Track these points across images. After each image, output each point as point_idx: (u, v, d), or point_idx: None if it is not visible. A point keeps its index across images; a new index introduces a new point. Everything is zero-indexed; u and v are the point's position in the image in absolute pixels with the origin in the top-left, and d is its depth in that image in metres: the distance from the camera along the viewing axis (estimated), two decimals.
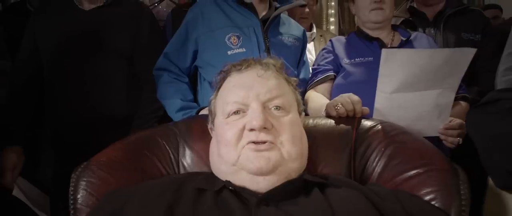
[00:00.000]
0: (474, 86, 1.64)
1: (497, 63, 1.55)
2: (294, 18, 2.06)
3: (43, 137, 1.72)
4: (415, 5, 1.85)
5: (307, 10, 2.17)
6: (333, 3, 2.79)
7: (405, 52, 1.16)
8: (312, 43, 2.21)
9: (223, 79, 0.85)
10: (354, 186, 0.75)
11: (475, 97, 1.52)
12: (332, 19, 2.79)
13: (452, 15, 1.77)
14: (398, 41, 1.46)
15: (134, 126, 1.54)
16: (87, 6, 1.57)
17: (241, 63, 0.84)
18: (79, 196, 0.83)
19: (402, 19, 1.82)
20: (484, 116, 0.90)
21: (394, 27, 1.54)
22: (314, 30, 2.23)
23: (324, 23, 2.78)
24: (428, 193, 0.78)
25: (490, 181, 0.94)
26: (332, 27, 2.78)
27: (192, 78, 1.41)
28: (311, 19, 2.27)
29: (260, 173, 0.72)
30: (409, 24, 1.80)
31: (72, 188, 0.84)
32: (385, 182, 0.85)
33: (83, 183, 0.84)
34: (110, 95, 1.55)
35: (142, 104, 1.56)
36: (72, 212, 0.83)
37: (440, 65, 1.05)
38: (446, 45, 1.71)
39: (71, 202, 0.83)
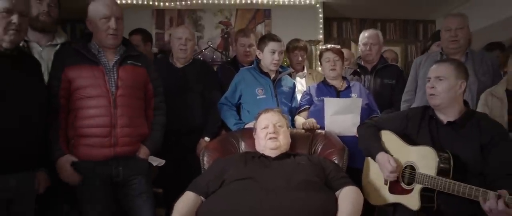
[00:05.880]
0: (389, 109, 2.98)
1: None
2: (293, 65, 3.40)
3: None
4: (361, 62, 3.20)
5: (300, 58, 3.48)
6: (320, 47, 4.14)
7: (335, 100, 2.52)
8: (304, 78, 3.48)
9: (259, 116, 2.22)
10: (306, 155, 2.11)
11: None
12: None
13: (380, 69, 3.10)
14: (344, 86, 2.76)
15: (205, 132, 2.76)
16: (178, 65, 2.86)
17: (265, 110, 2.22)
18: (204, 159, 2.20)
19: (353, 69, 3.19)
20: (359, 128, 2.25)
21: (343, 78, 2.86)
22: (305, 70, 3.47)
23: (314, 61, 4.14)
24: (334, 158, 2.15)
25: None
26: (319, 63, 4.12)
27: (237, 108, 2.75)
28: (303, 63, 3.57)
29: (272, 149, 2.07)
30: (357, 73, 3.16)
31: (201, 157, 2.21)
32: (320, 155, 2.22)
33: (206, 155, 2.21)
34: (192, 114, 2.78)
35: (210, 120, 2.77)
36: (202, 167, 2.19)
37: (349, 104, 2.43)
38: (374, 86, 3.03)
39: (202, 162, 2.20)
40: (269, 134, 2.09)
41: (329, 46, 2.82)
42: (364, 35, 3.17)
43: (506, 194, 1.51)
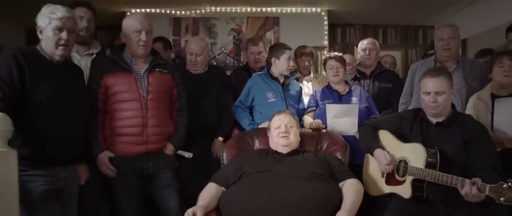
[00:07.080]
0: (387, 110, 3.26)
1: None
2: (300, 69, 3.68)
3: None
4: (361, 68, 3.49)
5: (307, 63, 3.76)
6: (325, 52, 4.43)
7: (335, 105, 2.82)
8: (311, 82, 3.75)
9: (272, 117, 2.51)
10: (313, 152, 2.41)
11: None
12: None
13: (378, 73, 3.39)
14: (347, 90, 3.06)
15: (219, 133, 3.03)
16: (194, 72, 3.17)
17: (278, 112, 2.52)
18: (224, 155, 2.50)
19: (353, 75, 3.48)
20: (360, 129, 2.54)
21: (346, 82, 3.16)
22: (312, 74, 3.74)
23: (319, 66, 4.42)
24: (337, 154, 2.45)
25: None
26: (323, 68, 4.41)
27: (250, 110, 3.05)
28: (310, 68, 3.85)
29: (284, 146, 2.36)
30: (357, 78, 3.45)
31: (221, 153, 2.52)
32: (325, 151, 2.52)
33: (225, 151, 2.52)
34: (206, 118, 3.01)
35: (223, 122, 3.01)
36: (222, 162, 2.49)
37: (347, 109, 2.74)
38: (373, 90, 3.31)
39: (221, 158, 2.50)
40: (281, 133, 2.39)
41: (332, 54, 3.12)
42: (363, 43, 3.47)
43: (479, 181, 1.81)
